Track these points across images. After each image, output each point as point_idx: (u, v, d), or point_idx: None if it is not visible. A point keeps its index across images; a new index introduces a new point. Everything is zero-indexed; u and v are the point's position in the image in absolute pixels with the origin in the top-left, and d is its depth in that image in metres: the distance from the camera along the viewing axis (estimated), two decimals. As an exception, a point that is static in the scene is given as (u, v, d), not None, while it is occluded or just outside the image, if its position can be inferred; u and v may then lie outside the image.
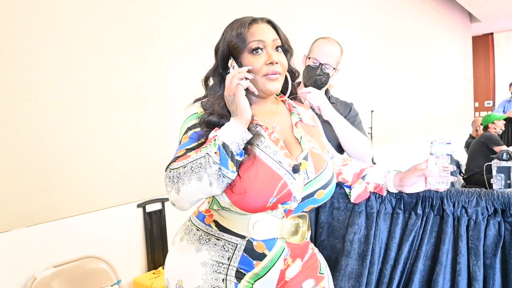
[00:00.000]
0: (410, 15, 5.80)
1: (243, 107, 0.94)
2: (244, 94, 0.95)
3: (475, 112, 9.18)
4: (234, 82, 0.95)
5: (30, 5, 1.81)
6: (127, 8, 2.20)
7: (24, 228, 1.79)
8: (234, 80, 0.95)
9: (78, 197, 2.00)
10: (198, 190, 0.91)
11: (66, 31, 1.94)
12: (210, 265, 1.00)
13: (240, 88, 0.95)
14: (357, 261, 1.24)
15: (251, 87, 0.98)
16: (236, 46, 1.01)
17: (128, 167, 2.22)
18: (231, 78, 0.96)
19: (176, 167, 0.92)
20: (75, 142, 1.98)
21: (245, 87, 0.96)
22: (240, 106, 0.94)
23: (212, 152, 0.89)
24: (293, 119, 1.11)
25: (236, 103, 0.94)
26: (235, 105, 0.95)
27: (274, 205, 0.98)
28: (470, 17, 8.37)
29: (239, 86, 0.95)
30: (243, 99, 0.94)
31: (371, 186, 1.22)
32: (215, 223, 1.05)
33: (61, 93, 1.93)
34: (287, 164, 0.99)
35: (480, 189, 1.16)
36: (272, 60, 1.01)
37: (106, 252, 2.05)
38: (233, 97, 0.95)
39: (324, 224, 1.33)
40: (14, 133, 1.77)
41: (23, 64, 1.79)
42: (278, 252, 1.02)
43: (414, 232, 1.20)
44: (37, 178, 1.84)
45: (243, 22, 1.03)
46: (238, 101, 0.94)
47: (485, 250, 1.11)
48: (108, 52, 2.12)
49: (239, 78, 0.95)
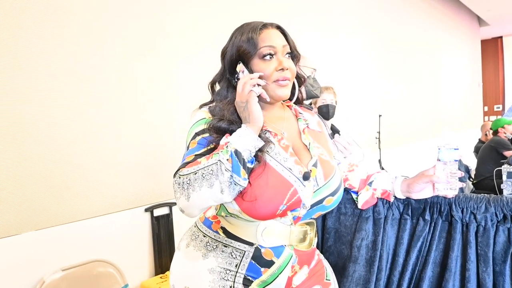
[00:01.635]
0: (418, 19, 5.78)
1: (256, 114, 0.94)
2: (257, 101, 0.95)
3: (485, 116, 9.09)
4: (246, 88, 0.94)
5: (34, 6, 1.84)
6: (133, 11, 2.23)
7: (33, 232, 1.81)
8: (247, 87, 0.94)
9: (86, 201, 2.02)
10: (209, 197, 0.89)
11: (71, 33, 1.97)
12: (217, 272, 0.99)
13: (253, 95, 0.94)
14: (365, 267, 1.23)
15: (264, 94, 0.98)
16: (246, 51, 1.00)
17: (136, 172, 2.24)
18: (243, 84, 0.95)
19: (186, 173, 0.90)
20: (83, 146, 2.00)
21: (258, 94, 0.96)
22: (253, 113, 0.94)
23: (224, 159, 0.88)
24: (300, 125, 1.11)
25: (249, 110, 0.94)
26: (247, 112, 0.94)
27: (283, 212, 0.97)
28: (479, 21, 8.32)
29: (252, 93, 0.94)
30: (256, 106, 0.94)
31: (378, 192, 1.21)
32: (222, 230, 1.04)
33: (70, 98, 1.95)
34: (297, 171, 0.98)
35: (489, 195, 1.15)
36: (283, 66, 1.00)
37: (114, 256, 2.06)
38: (245, 104, 0.94)
39: (331, 229, 1.32)
40: (23, 137, 1.79)
41: (34, 69, 1.82)
42: (286, 259, 1.02)
43: (422, 238, 1.19)
44: (46, 182, 1.86)
45: (254, 27, 1.02)
46: (251, 108, 0.94)
47: (494, 257, 1.10)
48: (113, 56, 2.14)
49: (251, 84, 0.94)
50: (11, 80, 1.75)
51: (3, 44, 1.73)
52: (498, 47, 9.35)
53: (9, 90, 1.75)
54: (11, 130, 1.75)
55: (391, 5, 5.07)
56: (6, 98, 1.74)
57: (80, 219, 1.99)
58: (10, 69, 1.75)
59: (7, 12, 1.73)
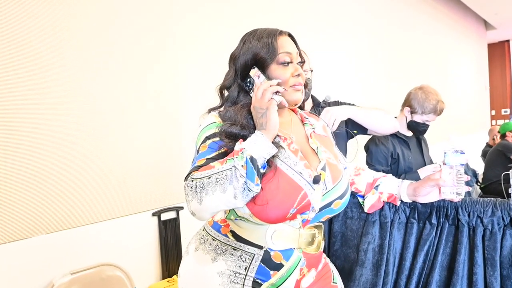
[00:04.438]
0: (424, 24, 5.78)
1: (273, 122, 0.95)
2: (276, 109, 0.97)
3: (492, 120, 9.02)
4: (267, 96, 0.95)
5: (45, 11, 1.88)
6: (140, 16, 2.26)
7: (43, 235, 1.84)
8: (267, 94, 0.95)
9: (95, 205, 2.04)
10: (221, 202, 0.89)
11: (78, 38, 2.00)
12: (227, 275, 1.00)
13: (274, 103, 0.96)
14: (372, 271, 1.23)
15: (284, 102, 1.00)
16: (264, 57, 1.02)
17: (144, 176, 2.26)
18: (263, 91, 0.96)
19: (200, 177, 0.90)
20: (92, 151, 2.03)
21: (278, 102, 0.97)
22: (271, 121, 0.95)
23: (239, 165, 0.89)
24: (307, 129, 1.12)
25: (268, 117, 0.95)
26: (265, 119, 0.95)
27: (293, 216, 0.98)
28: (485, 25, 8.29)
29: (273, 101, 0.96)
30: (275, 114, 0.95)
31: (384, 196, 1.22)
32: (232, 233, 1.05)
33: (79, 104, 1.98)
34: (307, 175, 1.00)
35: (495, 198, 1.15)
36: (299, 72, 1.03)
37: (122, 259, 2.08)
38: (264, 111, 0.95)
39: (338, 233, 1.33)
40: (32, 142, 1.82)
41: (49, 76, 1.85)
42: (295, 262, 1.02)
43: (429, 242, 1.19)
44: (56, 187, 1.89)
45: (271, 33, 1.04)
46: (270, 116, 0.95)
47: (501, 261, 1.10)
48: (122, 60, 2.17)
49: (272, 91, 0.96)
50: (28, 84, 1.79)
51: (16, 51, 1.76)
52: (505, 50, 9.29)
53: (22, 95, 1.78)
54: (21, 136, 1.78)
55: (397, 11, 5.08)
56: (17, 102, 1.77)
57: (89, 223, 2.01)
58: (26, 76, 1.78)
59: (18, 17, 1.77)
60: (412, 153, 2.17)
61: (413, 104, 2.11)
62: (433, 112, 2.09)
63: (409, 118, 2.15)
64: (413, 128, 2.17)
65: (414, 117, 2.13)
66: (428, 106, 2.07)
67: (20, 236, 1.77)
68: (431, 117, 2.12)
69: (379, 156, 2.07)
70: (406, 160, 2.11)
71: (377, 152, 2.09)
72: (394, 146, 2.09)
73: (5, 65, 1.73)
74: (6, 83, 1.73)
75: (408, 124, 2.16)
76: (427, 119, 2.12)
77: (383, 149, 2.07)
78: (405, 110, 2.17)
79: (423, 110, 2.09)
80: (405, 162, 2.11)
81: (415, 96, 2.13)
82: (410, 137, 2.21)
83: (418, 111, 2.10)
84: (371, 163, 2.09)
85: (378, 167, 2.04)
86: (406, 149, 2.15)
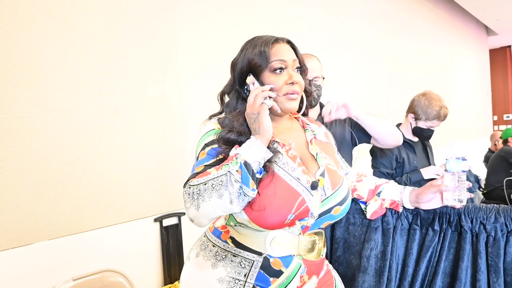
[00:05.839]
0: (426, 30, 5.79)
1: (266, 126, 0.95)
2: (268, 113, 0.97)
3: (494, 125, 9.01)
4: (258, 100, 0.96)
5: (46, 16, 1.89)
6: (145, 23, 2.27)
7: (45, 242, 1.84)
8: (259, 99, 0.96)
9: (97, 211, 2.04)
10: (218, 208, 0.90)
11: (82, 44, 2.01)
12: (226, 281, 1.00)
13: (265, 107, 0.96)
14: (374, 277, 1.23)
15: (275, 106, 1.00)
16: (258, 64, 1.02)
17: (145, 182, 2.26)
18: (254, 96, 0.97)
19: (196, 184, 0.92)
20: (94, 157, 2.04)
21: (269, 106, 0.98)
22: (263, 125, 0.95)
23: (233, 170, 0.89)
24: (308, 135, 1.12)
25: (260, 121, 0.96)
26: (257, 124, 0.96)
27: (292, 222, 0.98)
28: (487, 30, 8.30)
29: (264, 105, 0.96)
30: (266, 118, 0.96)
31: (386, 202, 1.21)
32: (231, 240, 1.05)
33: (83, 111, 1.99)
34: (305, 180, 1.00)
35: (498, 205, 1.14)
36: (293, 80, 1.02)
37: (124, 265, 2.07)
38: (256, 116, 0.96)
39: (340, 239, 1.33)
40: (34, 148, 1.83)
41: (52, 83, 1.86)
42: (295, 269, 1.02)
43: (432, 248, 1.19)
44: (58, 192, 1.89)
45: (266, 40, 1.04)
46: (262, 120, 0.95)
47: (505, 268, 1.09)
48: (125, 66, 2.18)
49: (263, 96, 0.97)
50: (30, 89, 1.80)
51: (27, 61, 1.78)
52: (507, 56, 9.30)
53: (23, 99, 1.79)
54: (23, 142, 1.79)
55: (399, 18, 5.10)
56: (19, 107, 1.78)
57: (91, 229, 2.01)
58: (29, 80, 1.80)
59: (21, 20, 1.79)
60: (418, 158, 2.18)
61: (417, 110, 2.13)
62: (437, 118, 2.10)
63: (413, 124, 2.16)
64: (418, 134, 2.17)
65: (419, 123, 2.14)
66: (431, 113, 2.08)
67: (22, 243, 1.77)
68: (435, 123, 2.12)
69: (384, 160, 2.09)
70: (411, 164, 2.13)
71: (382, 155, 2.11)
72: (400, 150, 2.11)
73: (7, 70, 1.74)
74: (7, 88, 1.74)
75: (413, 130, 2.17)
76: (431, 125, 2.13)
77: (388, 153, 2.09)
78: (409, 117, 2.18)
79: (426, 116, 2.09)
80: (410, 166, 2.12)
81: (418, 102, 2.14)
82: (416, 142, 2.23)
83: (422, 118, 2.11)
84: (376, 166, 2.11)
85: (383, 169, 2.05)
86: (412, 154, 2.16)
